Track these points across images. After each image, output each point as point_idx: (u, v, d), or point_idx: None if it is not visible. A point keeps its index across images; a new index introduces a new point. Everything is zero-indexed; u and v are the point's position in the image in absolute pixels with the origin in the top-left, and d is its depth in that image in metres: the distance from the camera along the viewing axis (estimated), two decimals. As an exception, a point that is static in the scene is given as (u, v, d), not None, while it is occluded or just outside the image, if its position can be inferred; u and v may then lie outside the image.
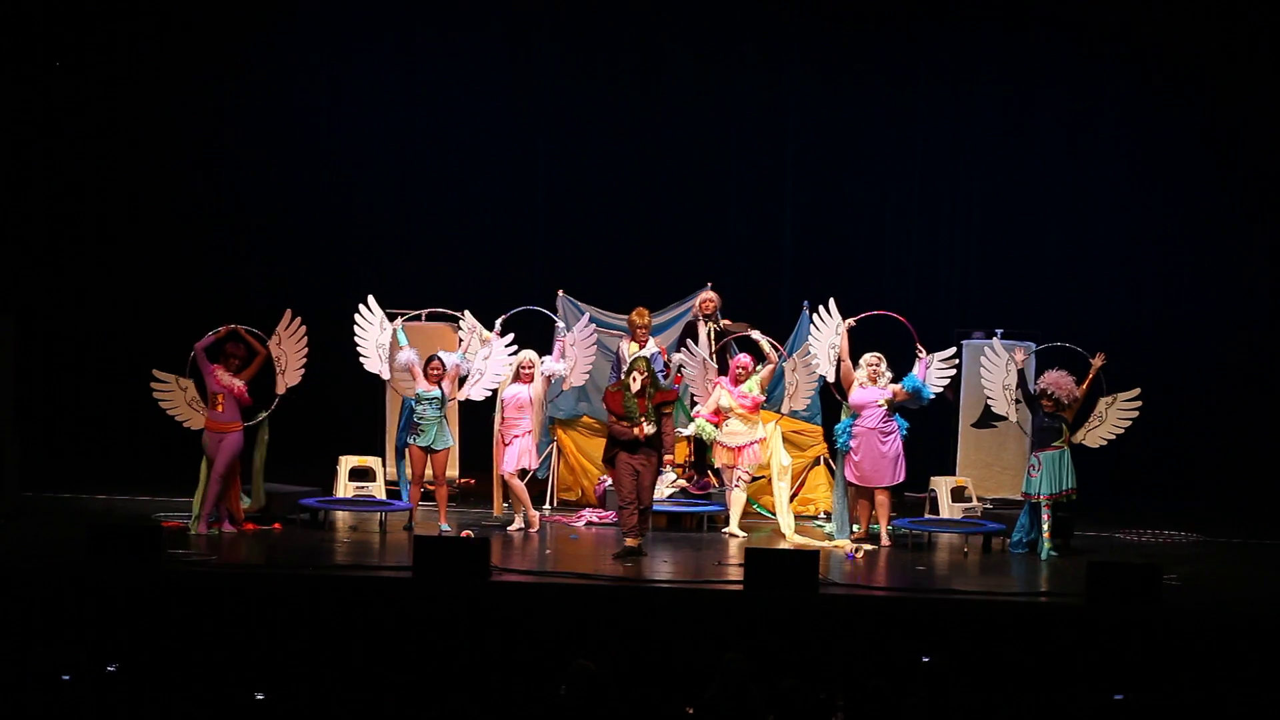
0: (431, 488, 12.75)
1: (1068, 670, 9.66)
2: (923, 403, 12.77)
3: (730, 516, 12.94)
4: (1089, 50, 16.33)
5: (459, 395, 12.97)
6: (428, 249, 16.59)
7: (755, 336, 13.22)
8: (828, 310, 12.93)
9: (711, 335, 13.73)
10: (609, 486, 13.29)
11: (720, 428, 12.87)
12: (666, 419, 12.12)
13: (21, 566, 10.58)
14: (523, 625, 9.95)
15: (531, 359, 12.95)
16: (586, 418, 14.18)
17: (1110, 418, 12.68)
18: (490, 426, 13.23)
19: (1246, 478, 15.61)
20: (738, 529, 12.84)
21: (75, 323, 15.89)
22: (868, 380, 12.62)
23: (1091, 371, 12.47)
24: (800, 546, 12.15)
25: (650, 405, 11.81)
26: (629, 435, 11.75)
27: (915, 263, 16.68)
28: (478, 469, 13.99)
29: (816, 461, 14.09)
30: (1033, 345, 13.82)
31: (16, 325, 13.20)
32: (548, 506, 13.93)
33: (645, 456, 11.79)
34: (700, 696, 8.15)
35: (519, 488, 12.75)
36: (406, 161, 16.68)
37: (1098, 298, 16.35)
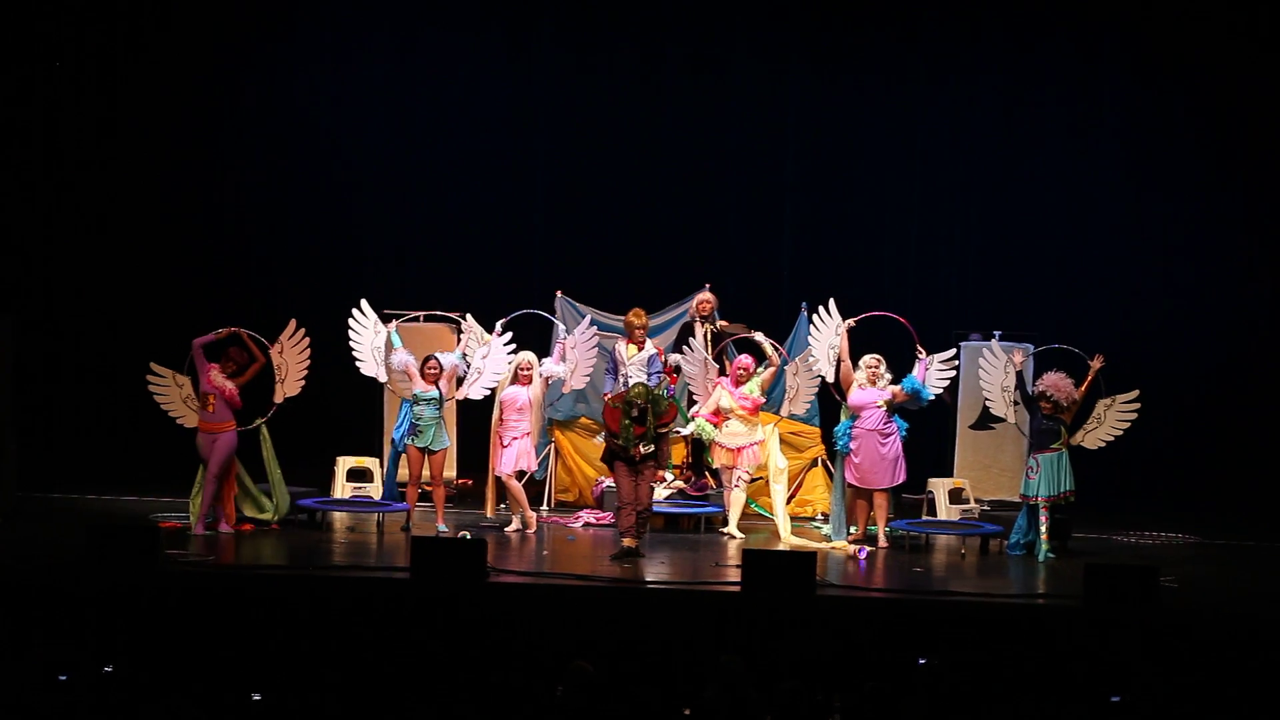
0: (429, 488, 12.75)
1: (1065, 672, 9.65)
2: (922, 404, 12.76)
3: (729, 517, 12.93)
4: (1089, 51, 16.31)
5: (457, 395, 12.97)
6: (427, 249, 16.55)
7: (758, 338, 13.18)
8: (827, 310, 12.92)
9: (708, 336, 13.67)
10: (606, 487, 13.29)
11: (720, 428, 12.87)
12: (665, 440, 11.99)
13: (19, 567, 10.57)
14: (520, 626, 9.94)
15: (530, 360, 12.94)
16: (584, 419, 14.17)
17: (1109, 420, 12.65)
18: (488, 427, 13.22)
19: (1244, 480, 15.59)
20: (736, 530, 12.83)
21: (74, 323, 15.86)
22: (867, 381, 12.61)
23: (1090, 373, 12.45)
24: (797, 548, 12.16)
25: (651, 430, 11.73)
26: (624, 455, 11.75)
27: (914, 264, 16.66)
28: (475, 470, 13.99)
29: (814, 463, 14.09)
30: (1031, 347, 13.82)
31: (16, 325, 13.20)
32: (545, 507, 13.92)
33: (643, 463, 11.77)
34: (697, 698, 8.15)
35: (516, 489, 12.73)
36: (406, 162, 16.63)
37: (1096, 299, 16.32)
